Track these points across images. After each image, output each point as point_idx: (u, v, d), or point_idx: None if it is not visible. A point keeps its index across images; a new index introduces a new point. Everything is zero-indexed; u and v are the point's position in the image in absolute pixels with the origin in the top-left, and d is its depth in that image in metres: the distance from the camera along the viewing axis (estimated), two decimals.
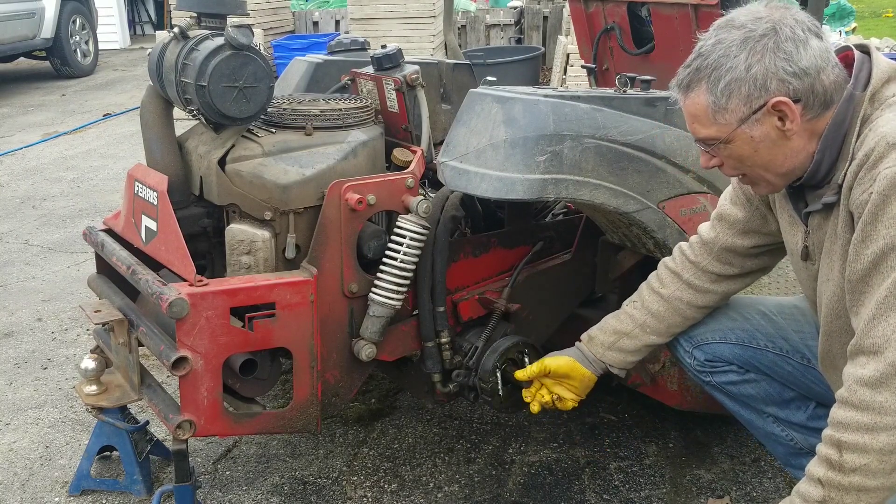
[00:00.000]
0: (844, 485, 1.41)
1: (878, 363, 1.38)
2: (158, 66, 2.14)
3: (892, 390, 1.37)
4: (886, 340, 1.38)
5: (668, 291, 1.94)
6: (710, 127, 1.52)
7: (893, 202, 1.36)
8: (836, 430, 1.44)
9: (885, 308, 1.38)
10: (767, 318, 1.95)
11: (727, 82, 1.46)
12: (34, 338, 3.43)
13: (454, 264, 2.22)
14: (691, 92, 1.52)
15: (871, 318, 1.40)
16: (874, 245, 1.39)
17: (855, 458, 1.40)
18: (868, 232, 1.40)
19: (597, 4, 3.75)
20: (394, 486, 2.41)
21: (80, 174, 6.03)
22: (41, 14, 9.41)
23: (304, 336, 2.00)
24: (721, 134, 1.51)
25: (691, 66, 1.52)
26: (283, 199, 2.06)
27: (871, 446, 1.39)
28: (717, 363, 1.95)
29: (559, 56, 7.46)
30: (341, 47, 2.85)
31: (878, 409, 1.38)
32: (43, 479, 2.48)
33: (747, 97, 1.46)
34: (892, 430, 1.37)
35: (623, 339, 1.97)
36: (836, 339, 1.63)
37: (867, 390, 1.39)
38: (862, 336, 1.42)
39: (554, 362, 2.01)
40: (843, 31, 8.50)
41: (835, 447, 1.43)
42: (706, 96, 1.49)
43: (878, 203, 1.37)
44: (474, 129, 2.02)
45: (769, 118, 1.48)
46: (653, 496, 2.34)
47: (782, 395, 1.95)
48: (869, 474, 1.39)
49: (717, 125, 1.51)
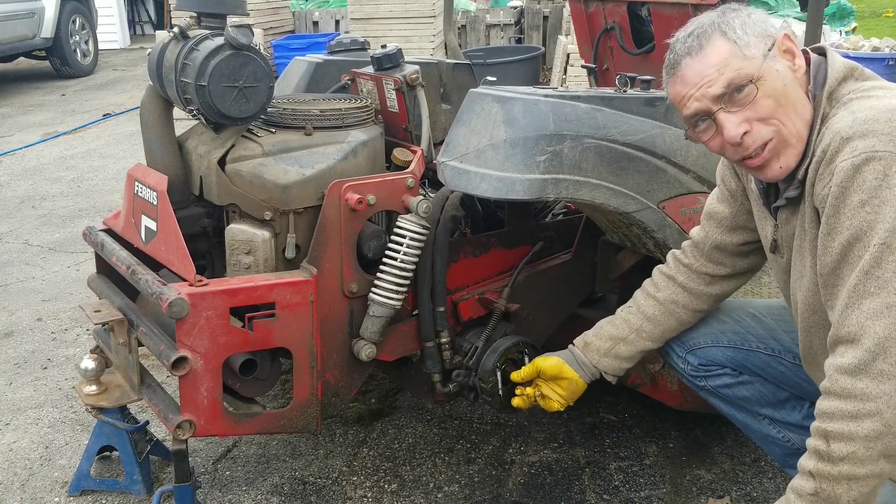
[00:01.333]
0: (834, 475, 1.42)
1: (855, 350, 1.40)
2: (158, 66, 2.14)
3: (871, 376, 1.38)
4: (861, 327, 1.39)
5: (663, 295, 1.95)
6: (741, 63, 1.50)
7: (852, 193, 1.39)
8: (822, 421, 1.45)
9: (857, 296, 1.40)
10: (757, 319, 1.96)
11: (740, 23, 1.51)
12: (34, 338, 3.43)
13: (454, 264, 2.22)
14: (707, 46, 1.52)
15: (845, 307, 1.42)
16: (839, 237, 1.42)
17: (842, 447, 1.41)
18: (832, 225, 1.43)
19: (597, 4, 3.74)
20: (394, 486, 2.41)
21: (80, 174, 6.03)
22: (41, 14, 9.41)
23: (304, 336, 2.00)
24: (754, 69, 1.50)
25: (691, 33, 1.54)
26: (283, 199, 2.06)
27: (856, 434, 1.39)
28: (710, 367, 1.96)
29: (559, 56, 7.46)
30: (341, 47, 2.85)
31: (859, 395, 1.39)
32: (43, 479, 2.48)
33: (761, 34, 1.51)
34: (875, 416, 1.38)
35: (619, 345, 1.98)
36: (815, 334, 1.65)
37: (848, 378, 1.40)
38: (838, 326, 1.44)
39: (544, 362, 2.02)
40: (843, 31, 8.49)
41: (822, 438, 1.44)
42: (725, 42, 1.51)
43: (837, 195, 1.41)
44: (474, 129, 2.02)
45: (782, 58, 1.52)
46: (653, 496, 2.34)
47: (776, 396, 1.95)
48: (857, 462, 1.40)
49: (746, 60, 1.50)
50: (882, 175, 1.37)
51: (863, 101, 1.49)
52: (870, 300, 1.39)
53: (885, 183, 1.37)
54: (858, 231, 1.40)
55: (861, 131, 1.41)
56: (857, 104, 1.48)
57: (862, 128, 1.41)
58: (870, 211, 1.38)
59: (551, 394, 2.02)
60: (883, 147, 1.37)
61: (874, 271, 1.38)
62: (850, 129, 1.42)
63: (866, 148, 1.39)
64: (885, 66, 6.48)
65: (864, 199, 1.38)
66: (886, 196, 1.37)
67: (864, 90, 1.51)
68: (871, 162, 1.38)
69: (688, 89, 1.54)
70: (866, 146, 1.39)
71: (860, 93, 1.51)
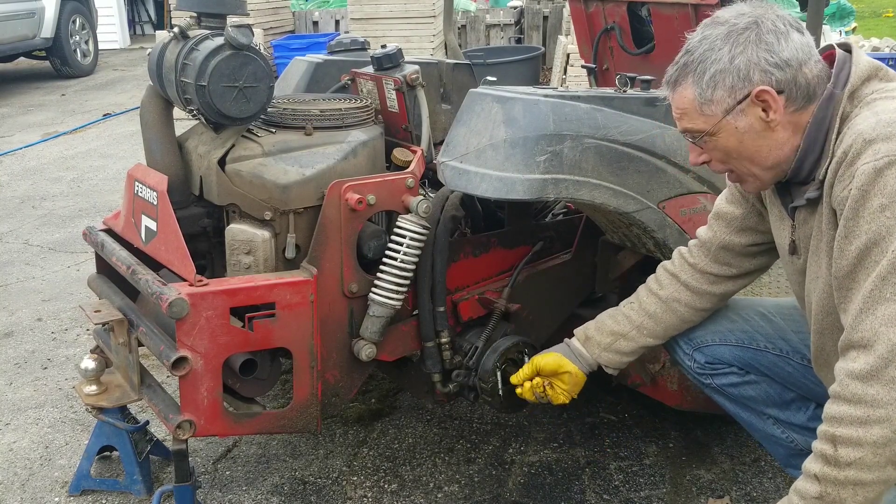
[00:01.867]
0: (840, 479, 1.41)
1: (868, 356, 1.39)
2: (158, 66, 2.14)
3: (882, 383, 1.38)
4: (875, 333, 1.39)
5: (665, 293, 1.94)
6: (696, 119, 1.55)
7: (872, 197, 1.38)
8: (830, 426, 1.45)
9: (872, 301, 1.40)
10: (766, 318, 1.95)
11: (712, 74, 1.50)
12: (34, 338, 3.43)
13: (454, 264, 2.22)
14: (678, 87, 1.56)
15: (859, 312, 1.42)
16: (857, 241, 1.42)
17: (850, 453, 1.40)
18: (850, 228, 1.42)
19: (597, 4, 3.74)
20: (394, 486, 2.41)
21: (80, 174, 6.03)
22: (41, 14, 9.41)
23: (304, 336, 2.00)
24: (707, 126, 1.54)
25: (679, 63, 1.56)
26: (283, 199, 2.06)
27: (864, 439, 1.39)
28: (717, 365, 1.95)
29: (559, 56, 7.46)
30: (341, 47, 2.85)
31: (870, 402, 1.39)
32: (43, 479, 2.48)
33: (731, 88, 1.50)
34: (884, 423, 1.38)
35: (620, 341, 1.98)
36: (827, 336, 1.64)
37: (859, 384, 1.40)
38: (851, 331, 1.44)
39: (542, 359, 2.03)
40: (843, 31, 8.49)
41: (829, 442, 1.44)
42: (692, 89, 1.53)
43: (857, 198, 1.40)
44: (474, 129, 2.02)
45: (753, 109, 1.51)
46: (653, 496, 2.34)
47: (783, 397, 1.95)
48: (864, 468, 1.40)
49: (703, 117, 1.54)
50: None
51: (887, 101, 1.46)
52: (885, 306, 1.38)
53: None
54: (877, 236, 1.38)
55: (885, 134, 1.39)
56: (881, 105, 1.46)
57: (886, 130, 1.39)
58: (890, 216, 1.37)
59: (555, 388, 2.02)
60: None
61: (891, 277, 1.37)
62: (873, 130, 1.40)
63: (889, 151, 1.37)
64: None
65: (884, 203, 1.37)
66: None
67: (888, 91, 1.49)
68: (893, 166, 1.36)
69: (673, 108, 1.62)
70: (889, 150, 1.37)
71: (885, 93, 1.49)
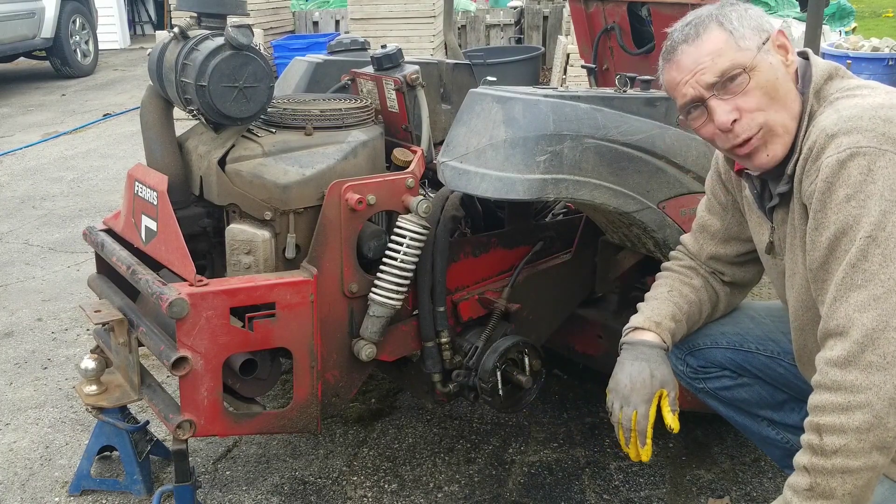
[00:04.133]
0: (828, 468, 1.42)
1: (844, 343, 1.41)
2: (158, 66, 2.14)
3: (860, 368, 1.39)
4: (849, 320, 1.40)
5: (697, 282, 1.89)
6: (735, 54, 1.53)
7: (837, 188, 1.42)
8: (814, 415, 1.45)
9: (844, 289, 1.42)
10: (755, 321, 1.96)
11: (737, 16, 1.55)
12: (34, 338, 3.43)
13: (454, 264, 2.22)
14: (703, 34, 1.55)
15: (833, 300, 1.44)
16: (826, 231, 1.45)
17: (834, 440, 1.41)
18: (819, 220, 1.46)
19: (597, 4, 3.74)
20: (394, 486, 2.41)
21: (80, 174, 6.03)
22: (41, 14, 9.41)
23: (304, 336, 2.00)
24: (747, 59, 1.53)
25: (689, 23, 1.58)
26: (283, 199, 2.06)
27: (847, 426, 1.40)
28: (710, 368, 1.96)
29: (559, 56, 7.46)
30: (341, 47, 2.85)
31: (849, 387, 1.39)
32: (43, 479, 2.48)
33: (755, 28, 1.55)
34: (865, 408, 1.38)
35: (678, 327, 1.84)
36: (808, 332, 1.65)
37: (837, 370, 1.41)
38: (827, 320, 1.45)
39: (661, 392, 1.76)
40: (843, 31, 8.49)
41: (815, 432, 1.44)
42: (721, 32, 1.55)
43: (823, 191, 1.44)
44: (474, 129, 2.02)
45: (775, 52, 1.55)
46: (653, 496, 2.34)
47: (775, 398, 1.95)
48: (850, 455, 1.40)
49: (741, 51, 1.53)
50: (866, 170, 1.40)
51: (848, 99, 1.52)
52: (857, 292, 1.40)
53: (870, 178, 1.39)
54: (844, 225, 1.42)
55: (846, 128, 1.44)
56: (842, 103, 1.51)
57: (847, 125, 1.44)
58: (855, 205, 1.41)
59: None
60: (867, 143, 1.40)
61: (861, 264, 1.40)
62: (835, 126, 1.45)
63: (851, 144, 1.42)
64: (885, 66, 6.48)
65: (849, 193, 1.41)
66: (871, 190, 1.39)
67: (849, 89, 1.55)
68: (855, 157, 1.41)
69: (682, 75, 1.57)
70: (851, 142, 1.42)
71: (846, 91, 1.54)
